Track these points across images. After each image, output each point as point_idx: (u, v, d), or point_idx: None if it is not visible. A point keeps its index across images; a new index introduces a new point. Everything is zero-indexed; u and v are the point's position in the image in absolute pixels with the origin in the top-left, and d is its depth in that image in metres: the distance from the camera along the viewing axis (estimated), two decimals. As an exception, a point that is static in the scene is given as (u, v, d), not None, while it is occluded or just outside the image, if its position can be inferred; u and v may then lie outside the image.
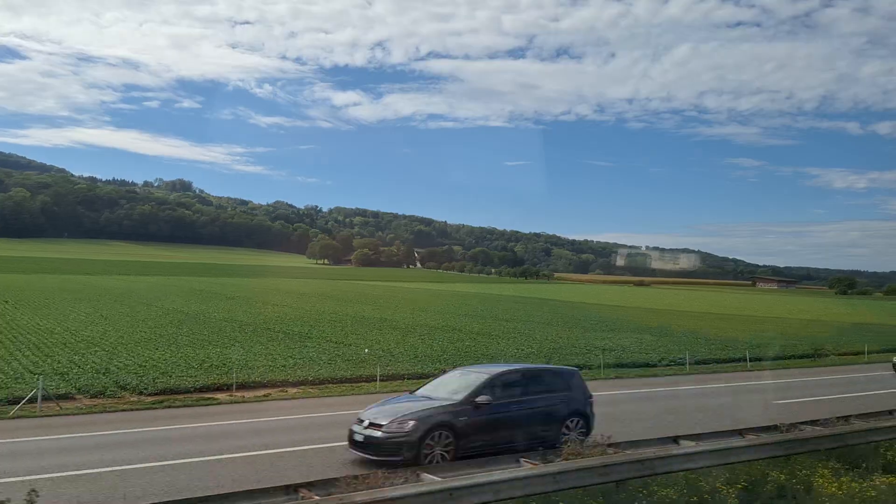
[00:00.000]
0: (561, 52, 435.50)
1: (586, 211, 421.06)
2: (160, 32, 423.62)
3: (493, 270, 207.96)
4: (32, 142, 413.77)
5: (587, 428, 13.06)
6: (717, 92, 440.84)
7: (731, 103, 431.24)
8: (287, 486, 8.18)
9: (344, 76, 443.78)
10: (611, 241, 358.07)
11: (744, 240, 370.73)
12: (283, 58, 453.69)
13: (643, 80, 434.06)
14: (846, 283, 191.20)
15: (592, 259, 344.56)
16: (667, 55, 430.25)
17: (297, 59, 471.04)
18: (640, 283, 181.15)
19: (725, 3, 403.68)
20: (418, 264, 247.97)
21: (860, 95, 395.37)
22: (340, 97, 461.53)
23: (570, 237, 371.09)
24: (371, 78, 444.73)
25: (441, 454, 11.31)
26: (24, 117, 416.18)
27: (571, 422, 12.86)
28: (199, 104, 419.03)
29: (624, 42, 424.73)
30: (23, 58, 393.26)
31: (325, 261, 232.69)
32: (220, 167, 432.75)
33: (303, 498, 7.87)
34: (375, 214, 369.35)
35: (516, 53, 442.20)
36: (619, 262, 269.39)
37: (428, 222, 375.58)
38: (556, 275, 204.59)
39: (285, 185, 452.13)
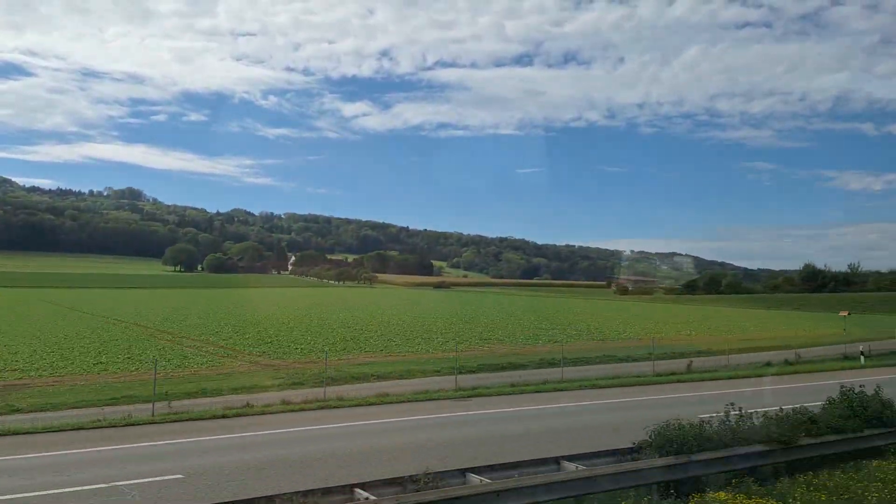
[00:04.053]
0: (569, 58, 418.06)
1: (598, 217, 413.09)
2: (163, 46, 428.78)
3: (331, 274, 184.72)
4: (43, 158, 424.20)
5: None
6: (729, 95, 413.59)
7: (744, 106, 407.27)
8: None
9: (352, 87, 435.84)
10: (618, 247, 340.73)
11: (760, 243, 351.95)
12: (289, 69, 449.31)
13: (653, 85, 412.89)
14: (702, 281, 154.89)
15: (544, 263, 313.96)
16: (676, 58, 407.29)
17: (305, 71, 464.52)
18: (441, 285, 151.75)
19: (732, 3, 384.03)
20: (290, 268, 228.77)
21: (874, 95, 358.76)
22: (349, 108, 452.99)
23: (539, 242, 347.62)
24: (379, 88, 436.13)
25: None
26: (34, 134, 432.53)
27: None
28: (206, 117, 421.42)
29: (631, 45, 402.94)
30: (29, 74, 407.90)
31: (179, 267, 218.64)
32: (230, 179, 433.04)
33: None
34: (327, 220, 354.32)
35: (524, 61, 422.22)
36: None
37: (383, 227, 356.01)
38: (381, 278, 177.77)
39: (295, 197, 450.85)
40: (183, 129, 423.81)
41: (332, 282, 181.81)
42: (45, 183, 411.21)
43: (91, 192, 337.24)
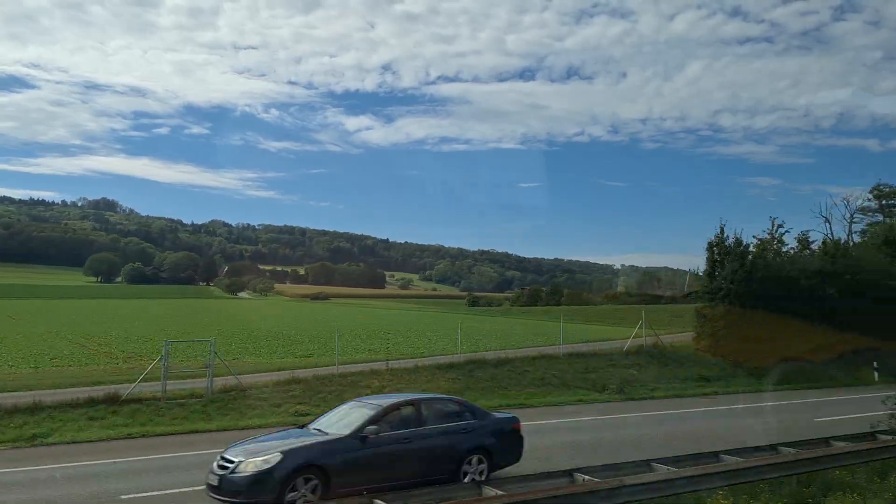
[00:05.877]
0: (571, 73, 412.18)
1: (598, 231, 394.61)
2: (165, 59, 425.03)
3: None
4: (45, 170, 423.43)
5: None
6: (732, 110, 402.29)
7: (747, 121, 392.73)
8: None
9: (354, 100, 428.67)
10: (614, 262, 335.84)
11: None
12: (291, 83, 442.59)
13: (656, 100, 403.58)
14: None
15: (517, 276, 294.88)
16: (678, 74, 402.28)
17: (307, 85, 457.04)
18: (319, 296, 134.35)
19: (733, 18, 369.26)
20: (216, 279, 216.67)
21: (878, 112, 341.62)
22: (352, 122, 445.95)
23: (529, 256, 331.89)
24: (382, 102, 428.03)
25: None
26: (36, 146, 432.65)
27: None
28: (208, 130, 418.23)
29: (633, 60, 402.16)
30: (31, 87, 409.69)
31: (99, 278, 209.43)
32: (231, 192, 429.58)
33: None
34: (303, 232, 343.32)
35: (525, 75, 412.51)
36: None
37: (360, 239, 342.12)
38: (278, 289, 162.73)
39: (298, 210, 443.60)
40: (185, 142, 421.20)
41: (232, 294, 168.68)
42: (47, 195, 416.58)
43: (64, 201, 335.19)
